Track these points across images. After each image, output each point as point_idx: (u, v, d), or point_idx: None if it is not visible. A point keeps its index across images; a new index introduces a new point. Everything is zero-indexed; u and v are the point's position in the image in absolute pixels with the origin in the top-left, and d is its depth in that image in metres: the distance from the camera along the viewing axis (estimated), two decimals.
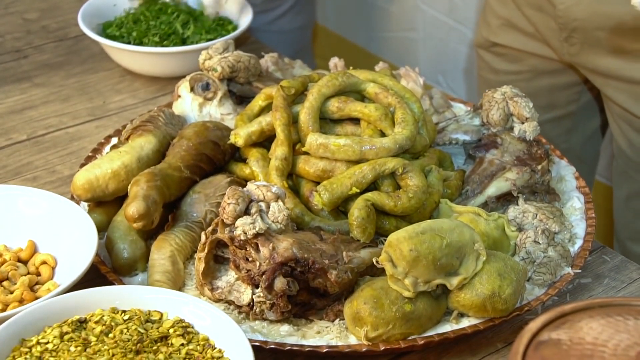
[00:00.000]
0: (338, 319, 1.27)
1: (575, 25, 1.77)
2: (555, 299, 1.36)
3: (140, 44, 1.88)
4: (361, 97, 1.47)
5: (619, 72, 1.77)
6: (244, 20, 1.96)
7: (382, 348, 1.22)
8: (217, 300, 1.29)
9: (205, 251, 1.27)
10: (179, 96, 1.62)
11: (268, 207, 1.27)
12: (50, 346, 1.14)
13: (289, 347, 1.22)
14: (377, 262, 1.22)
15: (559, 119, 2.01)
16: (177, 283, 1.31)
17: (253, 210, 1.26)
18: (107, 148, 1.57)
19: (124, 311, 1.20)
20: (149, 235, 1.40)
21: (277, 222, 1.26)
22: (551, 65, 1.93)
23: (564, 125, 2.02)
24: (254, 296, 1.25)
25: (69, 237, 1.35)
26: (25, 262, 1.36)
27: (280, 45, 2.20)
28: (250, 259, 1.25)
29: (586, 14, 1.74)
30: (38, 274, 1.34)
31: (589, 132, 2.08)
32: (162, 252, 1.32)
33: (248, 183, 1.30)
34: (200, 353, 1.15)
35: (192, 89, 1.61)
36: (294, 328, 1.26)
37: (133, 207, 1.31)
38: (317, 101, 1.42)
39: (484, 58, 2.06)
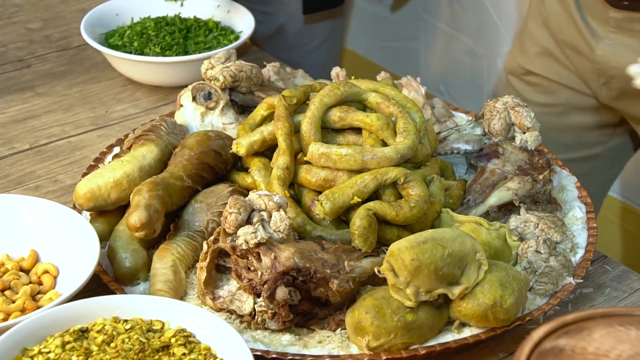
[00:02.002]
0: (340, 329, 1.27)
1: (614, 73, 1.72)
2: (557, 309, 1.36)
3: (142, 53, 1.89)
4: (363, 106, 1.47)
5: None
6: (246, 29, 1.96)
7: (384, 358, 1.22)
8: (219, 310, 1.29)
9: (207, 260, 1.27)
10: (181, 105, 1.62)
11: (270, 216, 1.27)
12: (52, 355, 1.14)
13: (290, 357, 1.22)
14: (378, 271, 1.22)
15: (582, 160, 1.91)
16: (179, 292, 1.32)
17: (255, 219, 1.26)
18: (110, 157, 1.57)
19: (125, 320, 1.20)
20: (151, 244, 1.40)
21: (279, 231, 1.27)
22: (585, 102, 1.84)
23: (585, 167, 1.91)
24: (255, 305, 1.25)
25: (71, 247, 1.35)
26: (27, 272, 1.36)
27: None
28: (252, 268, 1.25)
29: (626, 64, 1.64)
30: (40, 283, 1.34)
31: (608, 177, 1.99)
32: (164, 262, 1.32)
33: (250, 192, 1.31)
34: None
35: (194, 99, 1.61)
36: (296, 337, 1.26)
37: (135, 217, 1.31)
38: (319, 111, 1.43)
39: (514, 86, 1.96)
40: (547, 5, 1.84)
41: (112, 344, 1.16)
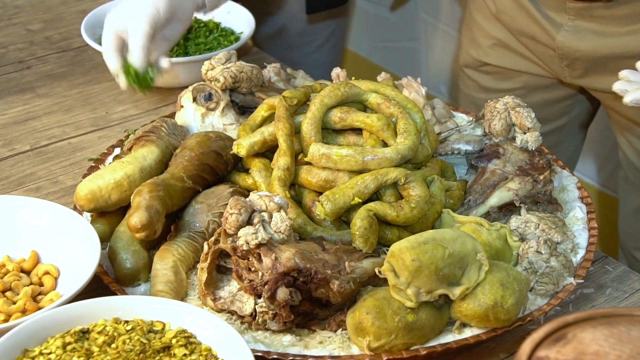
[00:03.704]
0: (340, 329, 1.27)
1: (577, 55, 1.73)
2: (558, 309, 1.36)
3: None
4: (363, 107, 1.47)
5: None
6: (247, 30, 1.96)
7: (385, 358, 1.22)
8: (220, 311, 1.29)
9: (208, 261, 1.27)
10: (182, 106, 1.62)
11: (270, 217, 1.27)
12: (52, 357, 1.14)
13: (291, 358, 1.22)
14: (379, 272, 1.22)
15: (549, 133, 1.96)
16: (180, 293, 1.32)
17: (255, 220, 1.26)
18: (110, 158, 1.57)
19: (126, 321, 1.20)
20: (152, 245, 1.40)
21: (280, 232, 1.27)
22: (545, 82, 1.88)
23: (553, 138, 1.96)
24: (256, 306, 1.25)
25: (72, 248, 1.35)
26: (28, 273, 1.36)
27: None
28: (252, 269, 1.25)
29: (589, 47, 1.70)
30: (41, 285, 1.34)
31: (574, 145, 2.03)
32: (164, 263, 1.33)
33: (250, 193, 1.31)
34: None
35: (194, 100, 1.61)
36: (297, 338, 1.26)
37: (136, 218, 1.31)
38: (320, 111, 1.43)
39: (471, 77, 1.99)
40: (491, 4, 1.86)
41: (113, 345, 1.16)
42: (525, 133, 1.51)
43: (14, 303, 1.29)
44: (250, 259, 1.25)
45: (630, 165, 1.83)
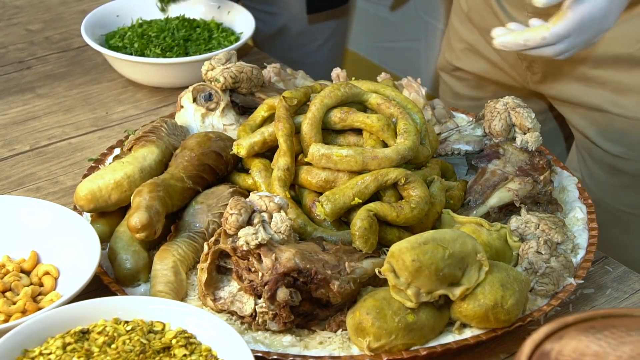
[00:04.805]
0: (340, 330, 1.27)
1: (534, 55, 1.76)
2: (558, 310, 1.36)
3: (143, 55, 1.89)
4: (363, 107, 1.47)
5: (581, 98, 1.74)
6: (247, 30, 1.96)
7: (385, 359, 1.22)
8: (220, 311, 1.29)
9: (208, 262, 1.27)
10: (182, 107, 1.62)
11: (270, 217, 1.27)
12: (52, 357, 1.14)
13: (291, 358, 1.22)
14: (379, 272, 1.22)
15: None
16: (180, 294, 1.32)
17: (255, 220, 1.26)
18: (110, 159, 1.57)
19: (126, 322, 1.20)
20: (152, 245, 1.40)
21: (280, 232, 1.27)
22: (513, 93, 1.84)
23: None
24: (256, 307, 1.25)
25: (72, 248, 1.35)
26: (28, 273, 1.36)
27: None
28: (252, 269, 1.25)
29: None
30: (41, 285, 1.34)
31: (557, 152, 2.01)
32: (164, 263, 1.33)
33: (250, 193, 1.31)
34: None
35: (194, 100, 1.61)
36: (297, 339, 1.26)
37: (136, 218, 1.31)
38: (320, 112, 1.43)
39: (446, 81, 2.01)
40: (464, 3, 1.88)
41: (113, 345, 1.16)
42: (525, 133, 1.51)
43: (14, 303, 1.29)
44: (250, 260, 1.25)
45: (585, 185, 1.80)
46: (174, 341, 1.17)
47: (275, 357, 1.22)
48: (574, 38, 1.43)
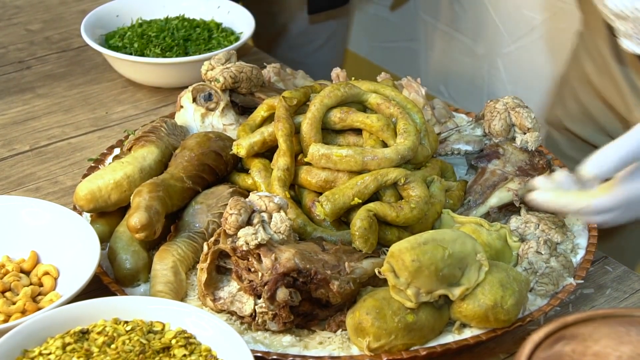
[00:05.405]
0: (340, 330, 1.27)
1: None
2: (558, 310, 1.36)
3: (143, 54, 1.89)
4: (363, 107, 1.47)
5: None
6: (247, 30, 1.96)
7: (385, 359, 1.22)
8: (220, 311, 1.29)
9: (208, 262, 1.27)
10: (182, 107, 1.62)
11: (270, 217, 1.27)
12: (52, 357, 1.14)
13: (291, 358, 1.22)
14: (379, 272, 1.22)
15: None
16: (180, 294, 1.32)
17: (255, 220, 1.26)
18: (110, 159, 1.57)
19: (126, 322, 1.20)
20: (152, 245, 1.40)
21: (279, 232, 1.27)
22: None
23: None
24: (256, 307, 1.25)
25: (72, 248, 1.35)
26: (27, 273, 1.36)
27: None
28: (252, 269, 1.25)
29: None
30: (40, 285, 1.34)
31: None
32: (164, 263, 1.32)
33: (250, 194, 1.31)
34: None
35: (194, 100, 1.61)
36: (296, 339, 1.26)
37: (135, 218, 1.31)
38: (319, 112, 1.43)
39: (553, 136, 1.90)
40: (589, 65, 1.77)
41: (113, 346, 1.16)
42: (525, 133, 1.51)
43: (14, 303, 1.29)
44: (250, 260, 1.25)
45: None
46: (173, 341, 1.17)
47: (275, 357, 1.22)
48: (618, 213, 1.32)
